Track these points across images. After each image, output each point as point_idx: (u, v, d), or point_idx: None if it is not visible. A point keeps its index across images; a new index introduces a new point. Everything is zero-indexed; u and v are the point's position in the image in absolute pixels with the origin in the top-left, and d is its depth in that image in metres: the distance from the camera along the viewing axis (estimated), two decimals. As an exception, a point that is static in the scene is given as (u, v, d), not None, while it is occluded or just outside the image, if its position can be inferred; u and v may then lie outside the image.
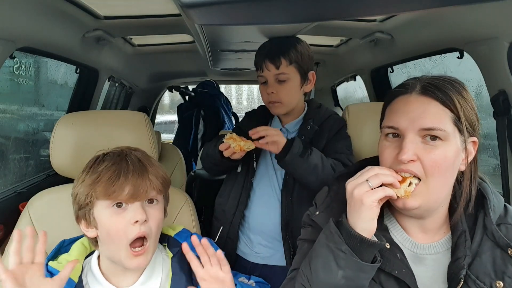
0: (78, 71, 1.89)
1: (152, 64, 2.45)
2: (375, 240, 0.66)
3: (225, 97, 3.24)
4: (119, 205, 0.82)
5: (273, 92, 1.20)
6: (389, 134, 0.72)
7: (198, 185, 1.75)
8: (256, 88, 5.07)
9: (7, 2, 1.02)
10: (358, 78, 2.43)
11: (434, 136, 0.66)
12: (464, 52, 1.35)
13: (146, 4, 1.35)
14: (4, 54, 1.16)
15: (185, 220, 1.08)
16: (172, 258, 0.92)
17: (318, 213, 0.80)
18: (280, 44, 1.22)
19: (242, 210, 1.26)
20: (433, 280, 0.71)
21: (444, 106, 0.67)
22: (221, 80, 3.45)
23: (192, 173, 1.81)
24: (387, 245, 0.72)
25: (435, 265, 0.72)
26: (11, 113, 1.86)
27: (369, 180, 0.66)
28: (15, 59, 1.51)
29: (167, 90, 3.41)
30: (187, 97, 3.14)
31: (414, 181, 0.67)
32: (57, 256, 0.90)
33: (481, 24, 1.15)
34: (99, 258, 0.89)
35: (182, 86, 3.18)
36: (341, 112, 1.38)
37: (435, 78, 0.70)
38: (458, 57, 1.40)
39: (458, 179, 0.73)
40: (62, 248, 0.92)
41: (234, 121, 3.26)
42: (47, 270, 0.84)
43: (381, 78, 2.15)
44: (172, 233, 0.97)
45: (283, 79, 1.19)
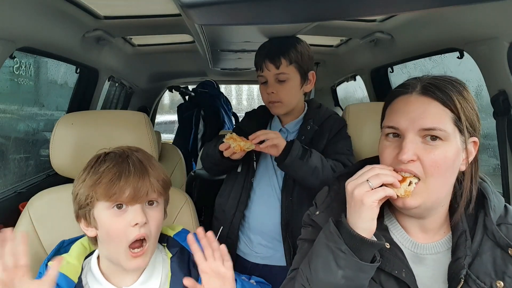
0: (78, 71, 1.89)
1: (152, 64, 2.45)
2: (375, 240, 0.66)
3: (225, 97, 3.23)
4: (120, 207, 0.82)
5: (273, 92, 1.20)
6: (389, 134, 0.72)
7: (198, 185, 1.75)
8: (256, 88, 5.07)
9: (7, 2, 1.02)
10: (358, 78, 2.43)
11: (434, 136, 0.66)
12: (464, 52, 1.35)
13: (146, 4, 1.35)
14: (4, 54, 1.16)
15: (185, 220, 1.08)
16: (171, 258, 0.91)
17: (318, 213, 0.80)
18: (280, 44, 1.22)
19: (242, 210, 1.26)
20: (433, 280, 0.71)
21: (445, 106, 0.67)
22: (221, 80, 3.45)
23: (192, 173, 1.81)
24: (387, 245, 0.72)
25: (435, 265, 0.72)
26: (11, 113, 1.86)
27: (370, 180, 0.66)
28: (15, 59, 1.51)
29: (167, 90, 3.41)
30: (187, 97, 3.14)
31: (414, 181, 0.67)
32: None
33: (481, 24, 1.15)
34: (99, 258, 0.89)
35: (182, 86, 3.18)
36: (341, 112, 1.38)
37: (436, 78, 0.70)
38: (458, 57, 1.40)
39: (459, 179, 0.73)
40: (62, 249, 0.92)
41: (234, 121, 3.26)
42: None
43: (381, 78, 2.14)
44: (172, 233, 0.97)
45: (283, 79, 1.19)
